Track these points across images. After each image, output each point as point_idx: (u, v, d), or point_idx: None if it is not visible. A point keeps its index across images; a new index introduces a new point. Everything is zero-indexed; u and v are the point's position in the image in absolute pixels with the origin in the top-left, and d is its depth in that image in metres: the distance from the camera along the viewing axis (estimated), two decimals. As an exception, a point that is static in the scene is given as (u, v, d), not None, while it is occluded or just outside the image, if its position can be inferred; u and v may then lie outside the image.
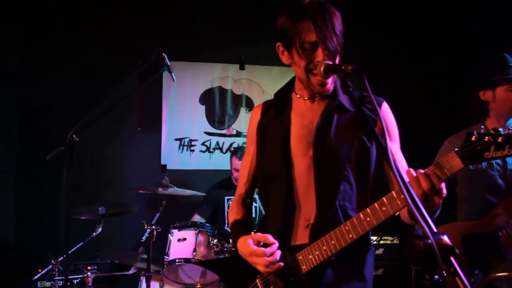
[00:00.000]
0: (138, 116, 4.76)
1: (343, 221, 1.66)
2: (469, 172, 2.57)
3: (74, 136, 2.58)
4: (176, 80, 4.71)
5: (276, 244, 1.68)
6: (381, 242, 4.18)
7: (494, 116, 2.61)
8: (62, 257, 3.19)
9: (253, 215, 4.20)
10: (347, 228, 1.58)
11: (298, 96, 1.82)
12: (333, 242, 1.59)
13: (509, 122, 2.62)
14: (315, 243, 1.63)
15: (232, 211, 1.97)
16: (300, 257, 1.66)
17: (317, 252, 1.62)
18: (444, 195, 1.49)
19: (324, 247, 1.61)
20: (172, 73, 3.69)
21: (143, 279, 3.37)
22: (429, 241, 1.15)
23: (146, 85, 4.22)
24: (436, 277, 1.16)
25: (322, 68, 1.61)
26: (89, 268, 3.71)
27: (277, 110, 1.84)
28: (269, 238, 1.69)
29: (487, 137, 1.38)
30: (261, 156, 1.86)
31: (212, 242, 3.50)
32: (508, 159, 2.56)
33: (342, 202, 1.69)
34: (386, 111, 1.80)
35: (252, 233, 1.82)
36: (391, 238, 4.24)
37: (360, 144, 1.71)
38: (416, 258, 1.19)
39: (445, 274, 1.11)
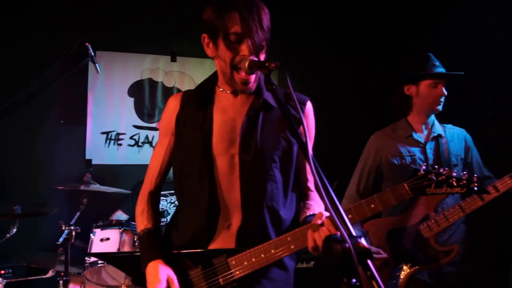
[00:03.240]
0: (61, 108, 4.45)
1: (270, 222, 1.68)
2: (394, 168, 2.64)
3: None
4: (103, 71, 4.50)
5: None
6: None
7: (417, 111, 2.70)
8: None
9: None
10: (289, 239, 1.58)
11: (221, 89, 1.78)
12: (272, 251, 1.59)
13: (430, 118, 2.72)
14: (252, 250, 1.62)
15: (141, 216, 1.82)
16: (233, 262, 1.63)
17: (253, 259, 1.61)
18: None
19: (262, 255, 1.60)
20: (96, 64, 3.50)
21: (61, 283, 3.15)
22: (347, 245, 1.12)
23: (70, 76, 3.99)
24: (354, 281, 1.13)
25: (246, 64, 1.58)
26: (2, 272, 3.43)
27: (198, 103, 1.77)
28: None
29: (429, 175, 1.56)
30: (179, 150, 1.79)
31: (137, 241, 3.34)
32: (429, 153, 2.66)
33: (270, 202, 1.69)
34: (309, 111, 1.81)
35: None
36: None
37: (285, 143, 1.71)
38: (333, 263, 1.16)
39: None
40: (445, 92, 2.61)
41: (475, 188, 1.56)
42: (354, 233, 1.17)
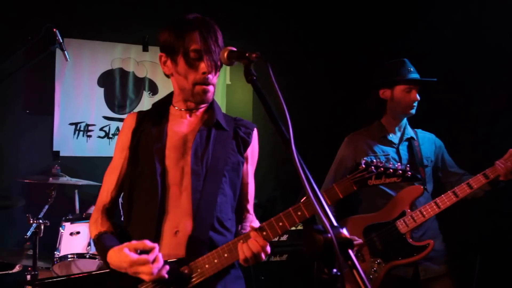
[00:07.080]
0: (27, 97, 4.29)
1: (217, 232, 1.75)
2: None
3: None
4: (71, 60, 4.35)
5: (157, 248, 1.61)
6: (286, 228, 4.22)
7: (391, 114, 2.78)
8: None
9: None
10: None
11: (176, 108, 1.88)
12: (225, 255, 1.64)
13: (402, 122, 2.79)
14: (204, 256, 1.65)
15: (94, 224, 1.80)
16: (186, 271, 1.65)
17: (207, 266, 1.64)
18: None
19: (216, 260, 1.64)
20: (65, 52, 3.38)
21: (29, 278, 3.05)
22: (329, 235, 1.12)
23: (36, 64, 3.83)
24: (335, 270, 1.14)
25: (225, 54, 1.57)
26: (-35, 267, 3.29)
27: (154, 120, 1.86)
28: (147, 243, 1.61)
29: (370, 168, 1.68)
30: (133, 163, 1.83)
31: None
32: (402, 154, 2.74)
33: (219, 214, 1.77)
34: (254, 137, 1.95)
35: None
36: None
37: (234, 159, 1.84)
38: (315, 253, 1.16)
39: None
40: (418, 97, 2.69)
41: (408, 175, 1.73)
42: (335, 224, 1.16)
